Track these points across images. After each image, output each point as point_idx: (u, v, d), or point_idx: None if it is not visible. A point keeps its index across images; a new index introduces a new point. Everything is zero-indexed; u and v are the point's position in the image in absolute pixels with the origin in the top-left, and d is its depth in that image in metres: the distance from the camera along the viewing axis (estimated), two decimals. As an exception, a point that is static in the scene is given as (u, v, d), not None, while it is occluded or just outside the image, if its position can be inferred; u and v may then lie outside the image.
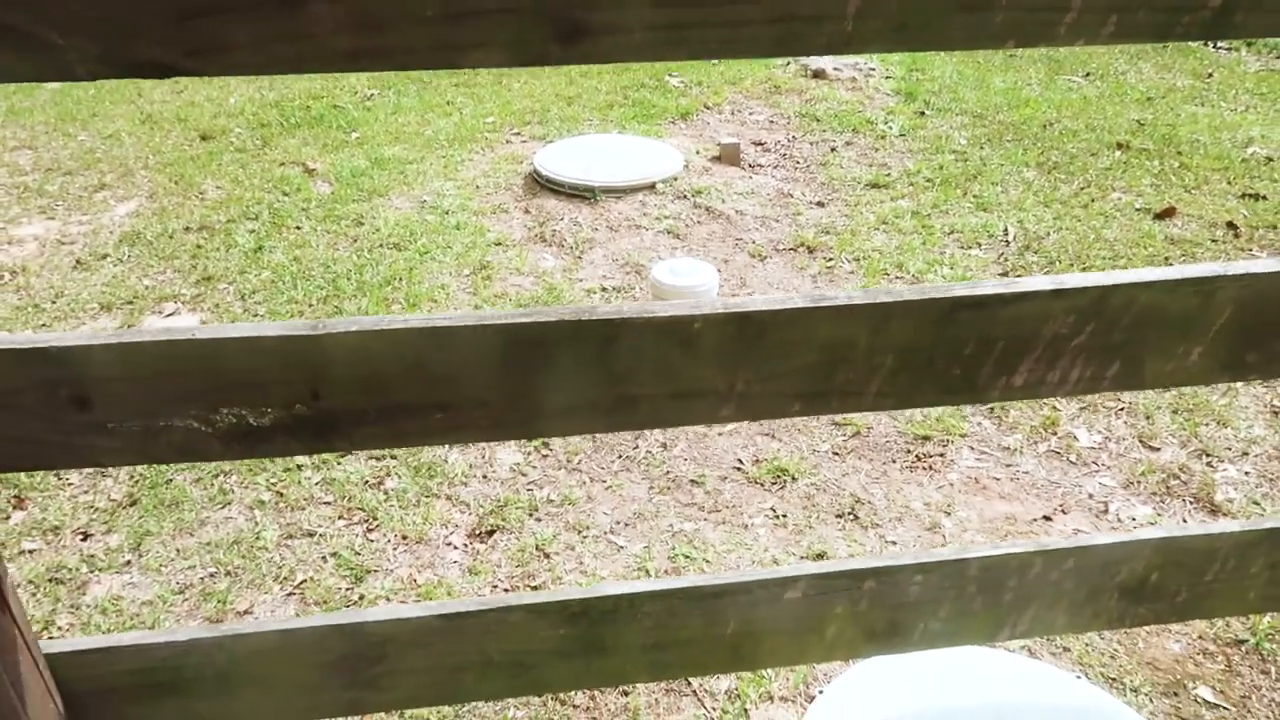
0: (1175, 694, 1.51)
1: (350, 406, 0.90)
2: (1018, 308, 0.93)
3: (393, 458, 2.09)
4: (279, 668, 1.03)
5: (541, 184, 3.55)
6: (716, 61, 5.26)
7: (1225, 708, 1.49)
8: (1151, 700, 1.50)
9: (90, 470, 2.08)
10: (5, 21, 0.68)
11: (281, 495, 1.99)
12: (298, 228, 3.24)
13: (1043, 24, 0.80)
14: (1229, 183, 3.43)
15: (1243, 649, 1.61)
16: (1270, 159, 3.62)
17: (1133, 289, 0.93)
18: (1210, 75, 4.93)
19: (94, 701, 1.01)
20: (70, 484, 2.05)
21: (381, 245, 3.09)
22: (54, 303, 2.78)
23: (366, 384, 0.89)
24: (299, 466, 2.07)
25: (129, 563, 1.84)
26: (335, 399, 0.89)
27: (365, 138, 4.14)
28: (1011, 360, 0.96)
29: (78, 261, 3.04)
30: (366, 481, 2.02)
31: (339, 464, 2.08)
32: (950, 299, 0.90)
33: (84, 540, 1.90)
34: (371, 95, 4.80)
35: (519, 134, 4.19)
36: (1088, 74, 4.97)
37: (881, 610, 1.18)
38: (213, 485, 2.03)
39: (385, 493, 1.99)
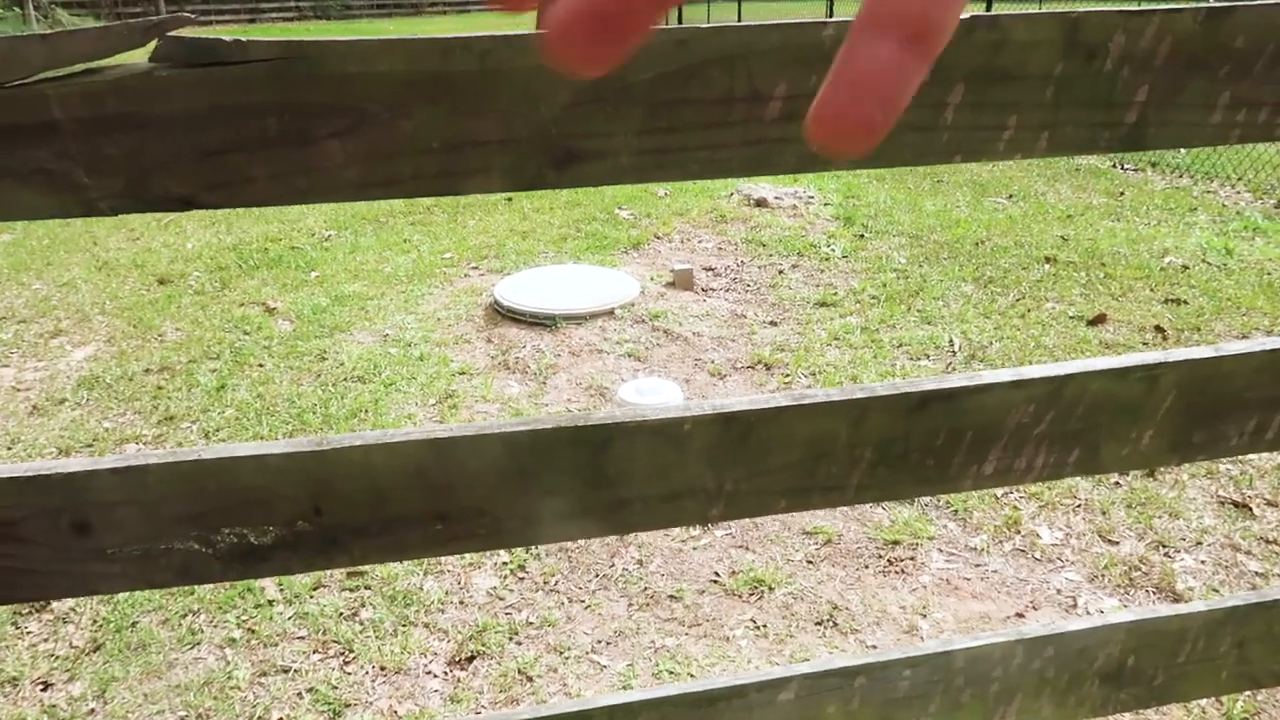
0: (1163, 781, 1.53)
1: (352, 521, 0.92)
2: (983, 398, 0.99)
3: (367, 588, 2.07)
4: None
5: (502, 314, 3.63)
6: (664, 194, 5.50)
7: (1212, 793, 1.51)
8: (1141, 790, 1.52)
9: (51, 616, 2.02)
10: (34, 162, 0.74)
11: (253, 632, 1.95)
12: (260, 365, 3.26)
13: (984, 140, 0.90)
14: (1151, 290, 3.64)
15: (1222, 733, 1.64)
16: (1186, 267, 3.87)
17: (1086, 377, 1.01)
18: (1123, 194, 5.28)
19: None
20: (29, 632, 1.98)
21: (346, 379, 3.12)
22: (9, 449, 2.74)
23: (368, 497, 0.92)
24: (270, 602, 2.04)
25: (93, 711, 1.77)
26: (337, 514, 0.91)
27: (324, 276, 4.22)
28: (981, 449, 1.02)
29: (34, 407, 3.01)
30: (341, 613, 1.99)
31: (311, 597, 2.04)
32: (921, 392, 0.97)
33: (44, 690, 1.83)
34: (329, 235, 4.90)
35: (476, 268, 4.30)
36: (1011, 195, 5.30)
37: (873, 707, 1.20)
38: (181, 625, 1.98)
39: (361, 623, 1.96)
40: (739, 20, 13.86)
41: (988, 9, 6.95)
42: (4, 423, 2.90)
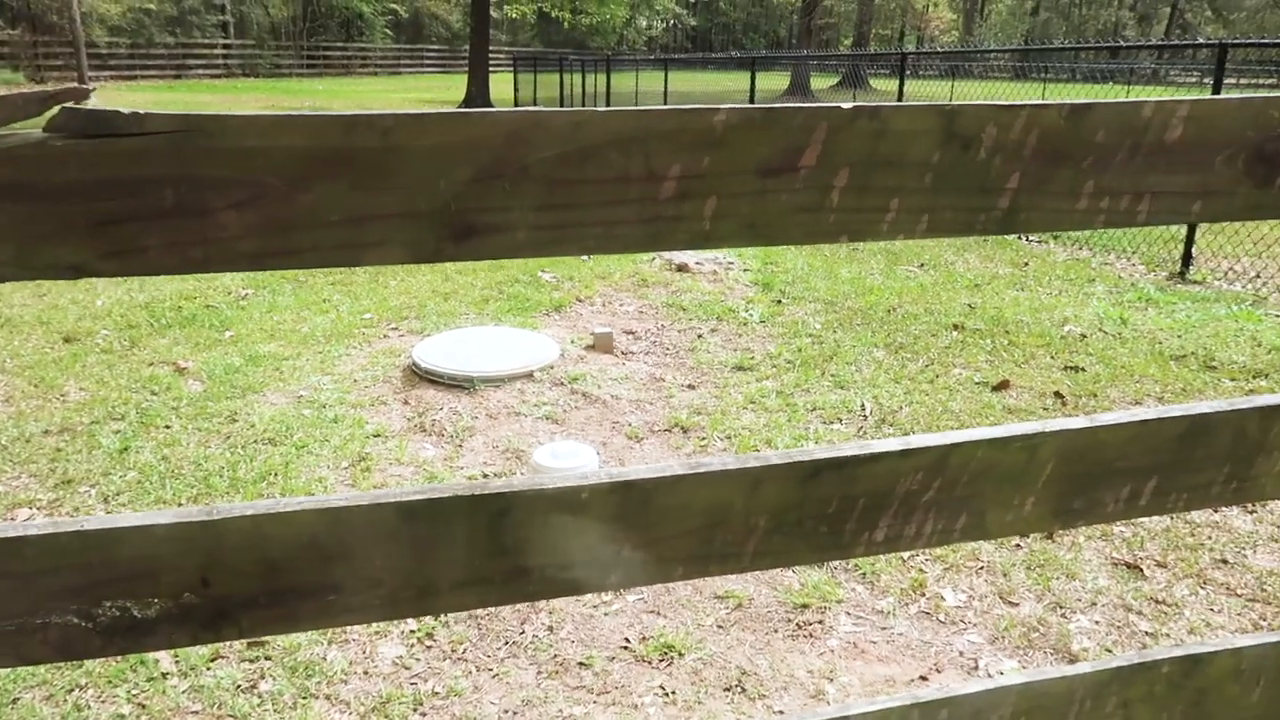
0: (1057, 841, 1.56)
1: (242, 592, 0.90)
2: (873, 466, 1.03)
3: (268, 658, 2.01)
4: None
5: (420, 376, 3.61)
6: (587, 258, 5.57)
7: None
8: None
9: (-76, 695, 1.90)
10: None
11: (144, 707, 1.87)
12: (167, 426, 3.17)
13: (868, 222, 0.95)
14: (1052, 357, 3.81)
15: (1113, 791, 1.68)
16: (1084, 335, 4.06)
17: (970, 447, 1.06)
18: (1027, 264, 5.53)
19: None
20: (-101, 712, 1.87)
21: (256, 441, 3.05)
22: (-110, 515, 2.60)
23: (259, 568, 0.91)
24: (164, 674, 1.96)
25: (-35, 796, 1.67)
26: (226, 585, 0.90)
27: (239, 336, 4.14)
28: (872, 516, 1.06)
29: (-80, 470, 2.86)
30: (239, 686, 1.93)
31: (208, 669, 1.97)
32: (814, 461, 1.01)
33: (-88, 775, 1.72)
34: (246, 294, 4.83)
35: (396, 329, 4.27)
36: (922, 264, 5.50)
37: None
38: (66, 701, 1.88)
39: (260, 696, 1.89)
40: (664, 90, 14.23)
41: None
42: (-115, 487, 2.75)
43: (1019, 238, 6.40)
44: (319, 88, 28.36)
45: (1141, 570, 2.37)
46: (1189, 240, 5.25)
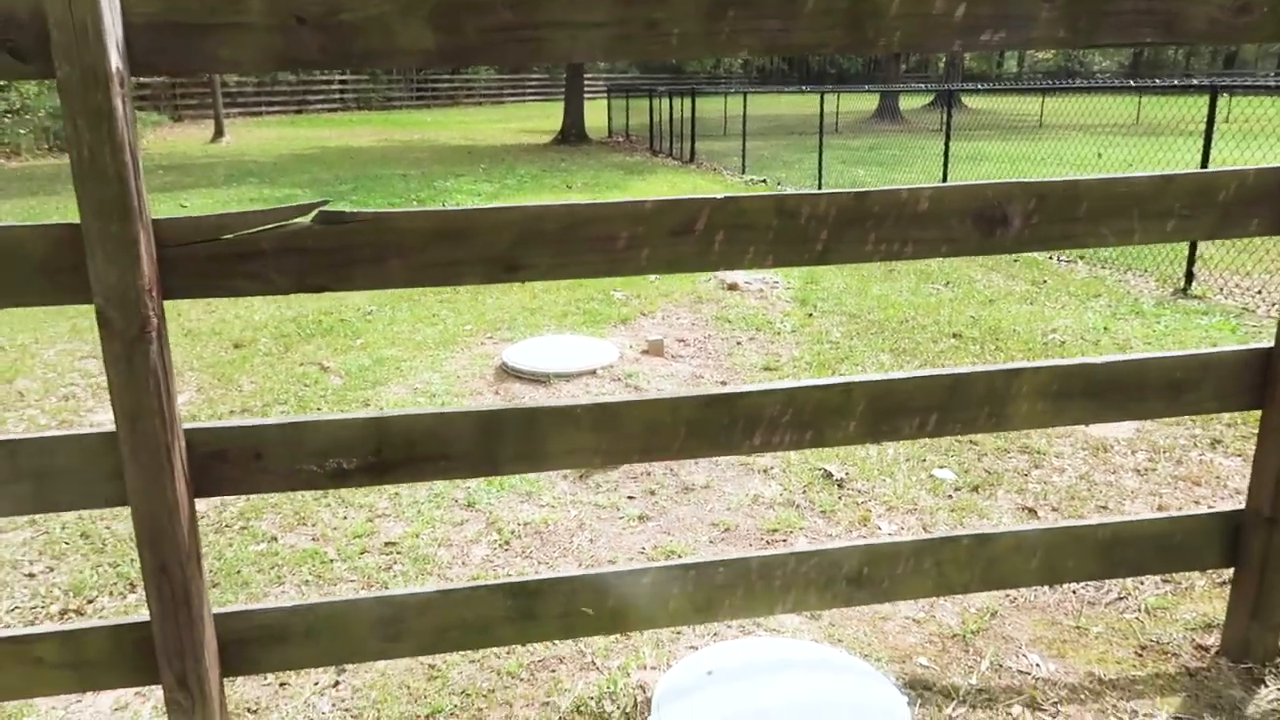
0: (904, 662, 2.36)
1: (396, 458, 1.84)
2: (748, 400, 1.91)
3: (398, 552, 2.95)
4: None
5: (509, 373, 4.57)
6: (654, 279, 6.47)
7: (935, 668, 2.34)
8: (885, 665, 2.34)
9: None
10: (253, 271, 1.70)
11: (320, 577, 2.83)
12: (318, 410, 4.20)
13: (736, 258, 1.84)
14: (1029, 358, 4.50)
15: (957, 639, 2.46)
16: (1064, 342, 4.75)
17: (809, 390, 1.92)
18: (1045, 281, 6.18)
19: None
20: (166, 579, 2.88)
21: (384, 419, 4.05)
22: (136, 465, 3.67)
23: (405, 443, 1.84)
24: (330, 560, 2.92)
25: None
26: (389, 454, 1.83)
27: (367, 343, 5.20)
28: (751, 429, 1.92)
29: (149, 436, 3.95)
30: (379, 568, 2.87)
31: (360, 558, 2.93)
32: (708, 395, 1.88)
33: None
34: (371, 311, 5.90)
35: (491, 337, 5.26)
36: (948, 283, 6.21)
37: (703, 590, 2.06)
38: (270, 573, 2.86)
39: (392, 573, 2.84)
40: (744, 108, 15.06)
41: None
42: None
43: (1049, 257, 7.01)
44: (427, 119, 30.20)
45: (1036, 513, 3.12)
46: (1190, 259, 5.82)
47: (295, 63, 1.62)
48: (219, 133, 22.68)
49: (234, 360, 4.97)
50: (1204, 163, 5.64)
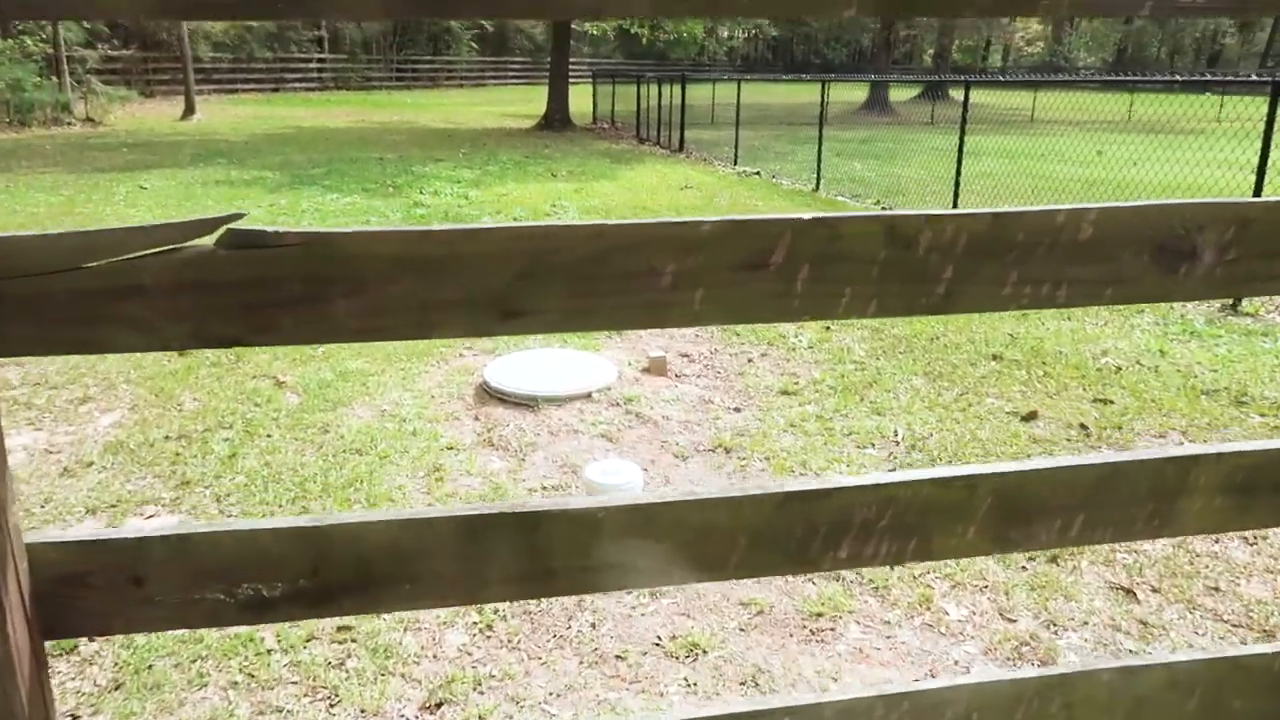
0: (1012, 823, 1.81)
1: (341, 580, 1.25)
2: (834, 499, 1.34)
3: (353, 641, 2.37)
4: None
5: (490, 394, 3.98)
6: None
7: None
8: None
9: (79, 658, 2.32)
10: (131, 315, 1.10)
11: (252, 676, 2.25)
12: (268, 436, 3.60)
13: (826, 305, 1.26)
14: (1084, 389, 3.98)
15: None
16: (1119, 368, 4.22)
17: (917, 485, 1.35)
18: (1078, 293, 5.66)
19: None
20: (58, 671, 2.28)
21: (345, 451, 3.45)
22: (42, 507, 3.06)
23: (354, 562, 1.26)
24: (269, 651, 2.34)
25: (114, 740, 2.07)
26: (330, 574, 1.25)
27: (330, 352, 4.58)
28: (836, 538, 1.36)
29: (64, 469, 3.34)
30: (329, 662, 2.29)
31: (305, 648, 2.35)
32: (783, 493, 1.31)
33: (72, 721, 2.12)
34: (337, 313, 5.28)
35: (470, 348, 4.66)
36: (974, 292, 5.68)
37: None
38: (190, 669, 2.28)
39: (346, 671, 2.26)
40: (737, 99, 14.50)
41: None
42: (38, 483, 3.23)
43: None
44: (407, 100, 29.40)
45: (1135, 594, 2.58)
46: (1241, 272, 5.31)
47: (198, 8, 1.02)
48: (190, 109, 21.79)
49: (176, 371, 4.35)
50: (1261, 168, 5.13)
